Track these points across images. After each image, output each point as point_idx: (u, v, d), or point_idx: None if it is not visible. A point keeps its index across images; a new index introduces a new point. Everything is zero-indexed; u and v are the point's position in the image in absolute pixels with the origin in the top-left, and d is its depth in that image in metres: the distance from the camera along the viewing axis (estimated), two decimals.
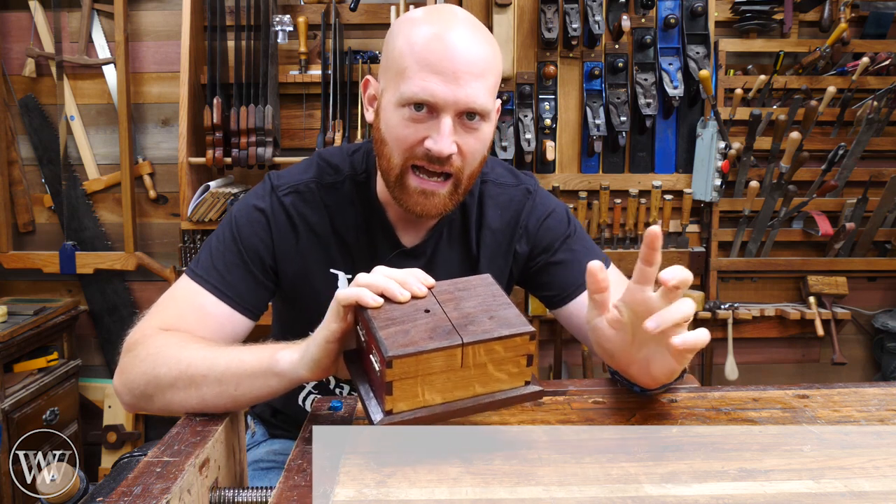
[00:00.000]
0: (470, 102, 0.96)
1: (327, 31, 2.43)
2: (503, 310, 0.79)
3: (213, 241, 1.09)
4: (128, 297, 2.66)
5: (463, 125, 0.99)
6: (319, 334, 0.82)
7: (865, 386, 1.01)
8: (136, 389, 0.94)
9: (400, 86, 0.97)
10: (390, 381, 0.73)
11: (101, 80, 2.57)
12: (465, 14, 1.02)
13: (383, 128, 1.02)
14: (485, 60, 0.98)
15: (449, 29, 0.97)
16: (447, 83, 0.95)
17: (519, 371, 0.78)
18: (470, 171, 1.03)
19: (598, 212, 2.47)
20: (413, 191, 1.02)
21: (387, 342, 0.73)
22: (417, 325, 0.76)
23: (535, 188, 1.21)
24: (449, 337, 0.74)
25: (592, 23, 2.33)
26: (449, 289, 0.82)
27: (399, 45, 0.99)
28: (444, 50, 0.95)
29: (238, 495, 0.81)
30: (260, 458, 1.28)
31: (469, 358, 0.75)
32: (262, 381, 0.87)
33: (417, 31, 0.98)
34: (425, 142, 0.98)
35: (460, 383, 0.76)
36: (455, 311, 0.78)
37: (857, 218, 2.51)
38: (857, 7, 2.51)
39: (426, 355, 0.73)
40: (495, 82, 1.01)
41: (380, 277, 0.80)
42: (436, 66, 0.95)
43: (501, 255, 1.18)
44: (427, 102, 0.96)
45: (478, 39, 0.98)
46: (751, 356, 2.67)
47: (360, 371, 0.82)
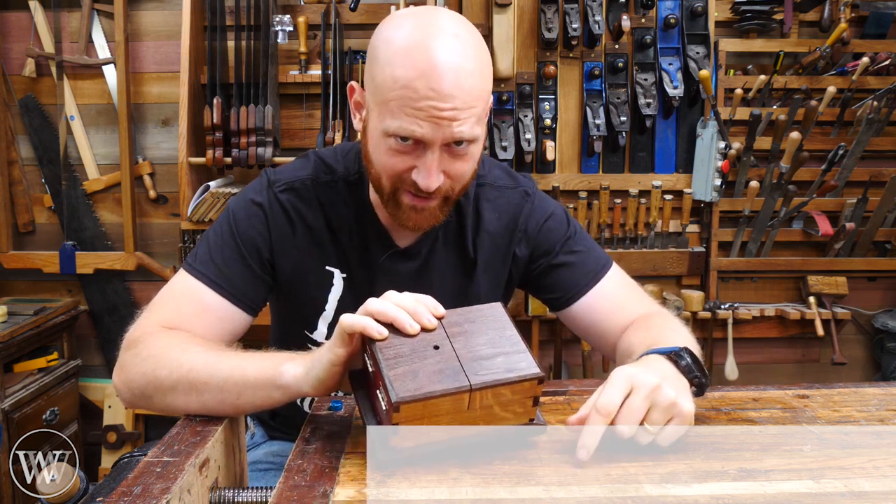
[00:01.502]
0: (457, 136, 0.93)
1: (327, 31, 2.43)
2: (513, 348, 0.78)
3: (211, 236, 1.08)
4: (128, 297, 2.66)
5: (451, 153, 0.96)
6: (325, 356, 0.81)
7: (865, 386, 1.01)
8: (136, 389, 0.94)
9: (385, 117, 0.94)
10: (396, 423, 0.73)
11: (101, 80, 2.57)
12: (452, 23, 0.94)
13: (370, 149, 1.00)
14: (472, 90, 0.93)
15: (434, 54, 0.90)
16: (432, 123, 0.92)
17: (524, 411, 0.79)
18: (460, 188, 1.03)
19: (598, 212, 2.47)
20: (406, 207, 1.01)
21: (395, 385, 0.72)
22: (426, 365, 0.75)
23: (533, 190, 1.20)
24: (457, 380, 0.74)
25: (592, 23, 2.33)
26: (459, 320, 0.80)
27: (382, 70, 0.94)
28: (428, 90, 0.90)
29: (238, 495, 0.81)
30: (259, 460, 1.28)
31: (476, 401, 0.75)
32: (265, 392, 0.86)
33: (400, 55, 0.92)
34: (412, 173, 0.96)
35: (465, 423, 0.76)
36: (464, 348, 0.77)
37: (857, 218, 2.51)
38: (857, 7, 2.51)
39: (434, 400, 0.73)
40: (485, 105, 0.97)
41: (390, 306, 0.78)
42: (421, 108, 0.91)
43: (499, 259, 1.18)
44: (413, 138, 0.93)
45: (466, 62, 0.92)
46: (751, 356, 2.67)
47: (366, 398, 0.81)
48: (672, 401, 0.79)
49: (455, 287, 1.16)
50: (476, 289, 1.17)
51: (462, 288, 1.17)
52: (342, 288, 1.13)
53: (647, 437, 0.79)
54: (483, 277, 1.17)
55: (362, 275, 1.12)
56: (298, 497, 0.71)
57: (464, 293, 1.17)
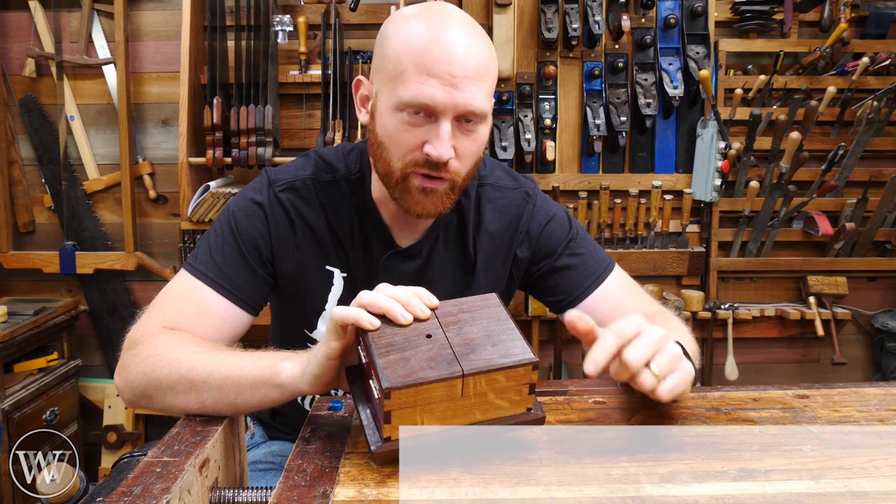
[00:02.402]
0: (469, 106, 0.96)
1: (327, 31, 2.43)
2: (507, 336, 0.77)
3: (211, 236, 1.09)
4: (128, 297, 2.66)
5: (461, 128, 0.98)
6: (320, 350, 0.81)
7: (865, 386, 1.01)
8: (137, 389, 0.94)
9: (397, 89, 0.96)
10: (388, 410, 0.72)
11: (101, 80, 2.57)
12: (460, 13, 1.01)
13: (380, 131, 1.01)
14: (483, 63, 0.97)
15: (446, 30, 0.96)
16: (446, 87, 0.94)
17: (521, 399, 0.78)
18: (466, 172, 1.03)
19: (598, 212, 2.47)
20: (416, 190, 1.01)
21: (386, 372, 0.72)
22: (418, 353, 0.74)
23: (535, 191, 1.20)
24: (450, 366, 0.73)
25: (592, 23, 2.33)
26: (452, 311, 0.80)
27: (395, 46, 0.97)
28: (443, 53, 0.94)
29: (238, 495, 0.81)
30: (259, 460, 1.28)
31: (469, 388, 0.74)
32: (263, 391, 0.86)
33: (413, 31, 0.96)
34: (424, 147, 0.97)
35: (460, 411, 0.76)
36: (457, 336, 0.77)
37: (857, 218, 2.51)
38: (857, 7, 2.51)
39: (426, 386, 0.72)
40: (493, 84, 1.01)
41: (382, 297, 0.78)
42: (434, 70, 0.94)
43: (500, 259, 1.18)
44: (426, 107, 0.95)
45: (476, 41, 0.97)
46: (751, 356, 2.67)
47: (362, 392, 0.81)
48: (678, 354, 0.81)
49: (455, 286, 1.17)
50: (476, 288, 1.17)
51: (462, 287, 1.17)
52: (342, 287, 1.13)
53: (650, 379, 0.79)
54: (483, 277, 1.17)
55: (363, 274, 1.13)
56: (298, 497, 0.71)
57: (464, 293, 1.17)
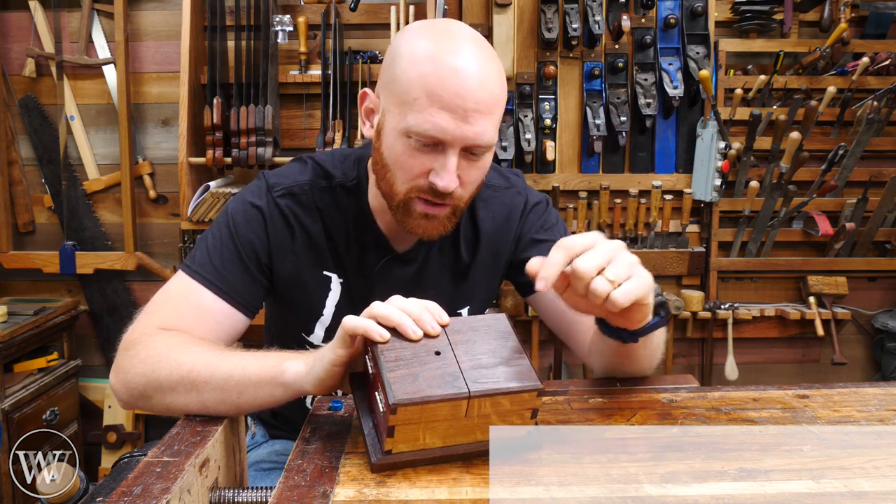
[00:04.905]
0: (478, 140, 0.95)
1: (327, 31, 2.43)
2: (514, 360, 0.78)
3: (209, 238, 1.08)
4: (128, 297, 2.66)
5: (467, 158, 0.98)
6: (326, 356, 0.81)
7: (865, 386, 1.01)
8: (135, 389, 0.94)
9: (407, 115, 0.95)
10: (392, 425, 0.73)
11: (101, 80, 2.57)
12: (471, 33, 0.98)
13: (386, 152, 1.00)
14: (495, 96, 0.96)
15: (459, 57, 0.93)
16: (457, 121, 0.93)
17: (522, 423, 0.78)
18: (468, 197, 1.04)
19: (598, 212, 2.47)
20: (418, 214, 1.01)
21: (394, 387, 0.72)
22: (426, 370, 0.74)
23: (525, 189, 1.22)
24: (456, 386, 0.74)
25: (592, 23, 2.33)
26: (462, 328, 0.80)
27: (405, 70, 0.95)
28: (456, 85, 0.92)
29: (238, 495, 0.81)
30: (261, 459, 1.28)
31: (474, 409, 0.75)
32: (267, 390, 0.86)
33: (425, 55, 0.94)
34: (430, 175, 0.97)
35: (462, 430, 0.76)
36: (466, 355, 0.77)
37: (857, 218, 2.51)
38: (857, 7, 2.51)
39: (432, 405, 0.73)
40: (502, 112, 1.00)
41: (394, 311, 0.78)
42: (446, 103, 0.92)
43: (493, 260, 1.19)
44: (435, 139, 0.94)
45: (489, 69, 0.95)
46: (751, 356, 2.67)
47: (365, 401, 0.81)
48: (633, 261, 0.81)
49: (450, 289, 1.17)
50: (470, 290, 1.19)
51: (457, 289, 1.18)
52: (339, 293, 1.13)
53: (604, 284, 0.78)
54: (477, 278, 1.18)
55: (359, 280, 1.13)
56: (298, 497, 0.71)
57: (459, 294, 1.18)
